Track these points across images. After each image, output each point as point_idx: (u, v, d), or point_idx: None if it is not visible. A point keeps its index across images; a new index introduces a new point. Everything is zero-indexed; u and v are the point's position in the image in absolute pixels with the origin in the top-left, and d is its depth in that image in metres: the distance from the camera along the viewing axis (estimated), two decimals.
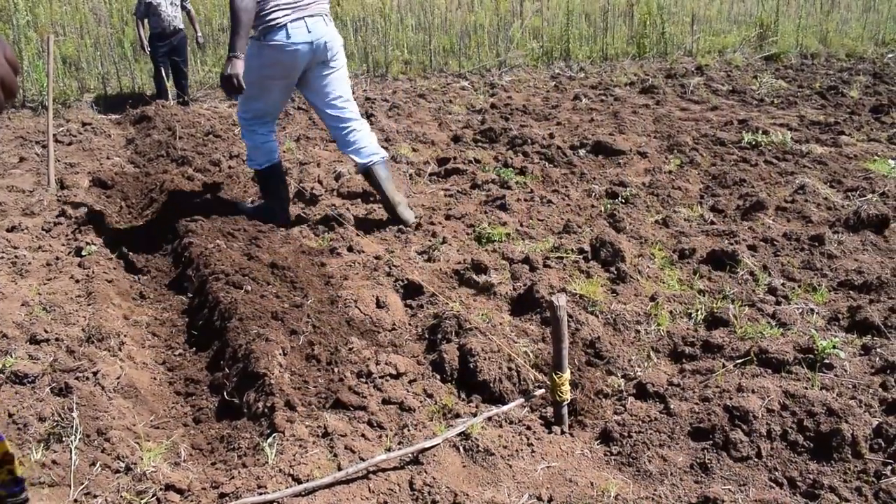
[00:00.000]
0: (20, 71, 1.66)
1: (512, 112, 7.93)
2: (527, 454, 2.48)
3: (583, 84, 9.86)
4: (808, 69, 10.53)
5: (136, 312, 3.73)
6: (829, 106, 7.95)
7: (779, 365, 2.87)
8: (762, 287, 3.63)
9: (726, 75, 10.14)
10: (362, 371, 2.91)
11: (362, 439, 2.52)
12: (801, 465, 2.37)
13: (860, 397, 2.66)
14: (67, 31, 10.63)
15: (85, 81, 9.70)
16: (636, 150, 6.19)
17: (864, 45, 12.31)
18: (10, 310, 3.48)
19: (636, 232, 4.39)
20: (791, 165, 5.60)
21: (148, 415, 2.86)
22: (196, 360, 3.33)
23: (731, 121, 7.13)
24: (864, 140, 6.36)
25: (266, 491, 2.21)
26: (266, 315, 3.32)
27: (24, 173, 6.03)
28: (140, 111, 8.16)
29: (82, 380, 2.86)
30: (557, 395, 2.57)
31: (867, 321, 3.18)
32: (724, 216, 4.69)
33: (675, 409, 2.63)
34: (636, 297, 3.60)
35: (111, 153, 6.76)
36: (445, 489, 2.26)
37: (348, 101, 4.55)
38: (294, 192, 5.36)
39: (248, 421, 2.72)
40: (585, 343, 3.13)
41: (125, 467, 2.42)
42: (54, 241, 4.51)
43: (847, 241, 4.11)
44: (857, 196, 4.82)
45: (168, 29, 8.91)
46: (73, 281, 3.90)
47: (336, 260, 4.11)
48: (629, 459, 2.46)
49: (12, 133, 7.62)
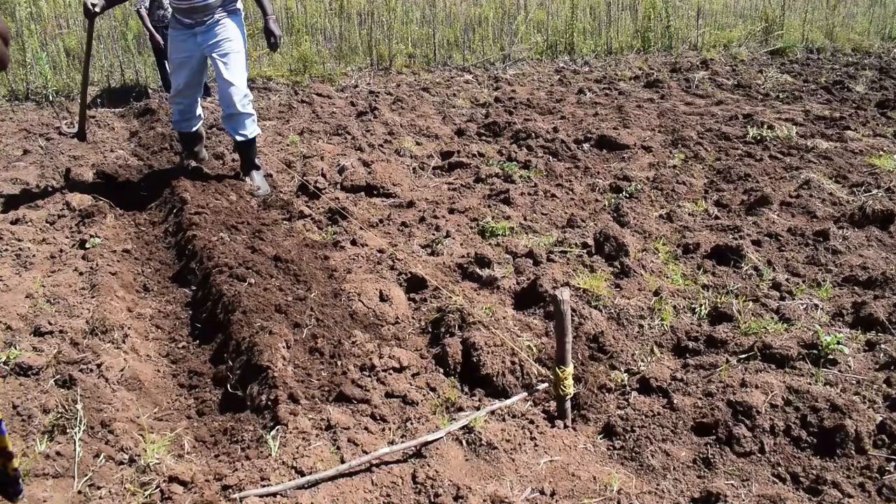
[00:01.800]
0: (10, 41, 1.67)
1: (516, 106, 7.92)
2: (529, 448, 2.48)
3: (587, 78, 9.83)
4: (813, 64, 10.49)
5: (139, 305, 3.74)
6: (835, 101, 7.92)
7: (782, 360, 2.87)
8: (766, 282, 3.63)
9: (731, 70, 10.11)
10: (365, 364, 2.92)
11: (365, 432, 2.53)
12: (804, 460, 2.37)
13: (864, 393, 2.66)
14: (70, 24, 10.63)
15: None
16: (640, 145, 6.17)
17: (871, 40, 12.26)
18: (15, 302, 3.48)
19: (640, 226, 4.38)
20: (796, 160, 5.58)
21: (151, 407, 2.87)
22: (199, 353, 3.34)
23: (736, 115, 7.10)
24: (869, 135, 6.34)
25: (269, 483, 2.22)
26: (269, 308, 3.32)
27: (27, 166, 6.03)
28: (143, 104, 8.16)
29: (86, 372, 2.87)
30: (560, 390, 2.57)
31: (872, 317, 3.17)
32: (728, 211, 4.68)
33: (679, 404, 2.63)
34: (640, 291, 3.59)
35: (115, 146, 6.76)
36: (448, 482, 2.26)
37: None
38: (297, 185, 5.36)
39: (252, 413, 2.73)
40: (589, 337, 3.13)
41: (129, 459, 2.43)
42: (58, 234, 4.51)
43: (852, 236, 4.10)
44: (862, 191, 4.80)
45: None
46: (76, 273, 3.91)
47: (339, 253, 4.11)
48: (632, 454, 2.46)
49: (16, 126, 7.62)
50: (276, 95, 9.09)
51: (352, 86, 9.70)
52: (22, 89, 8.96)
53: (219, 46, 4.96)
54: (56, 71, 9.34)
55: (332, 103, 8.54)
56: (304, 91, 9.20)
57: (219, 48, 4.96)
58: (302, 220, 4.66)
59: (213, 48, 4.96)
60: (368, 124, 7.33)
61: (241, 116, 5.13)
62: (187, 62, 5.05)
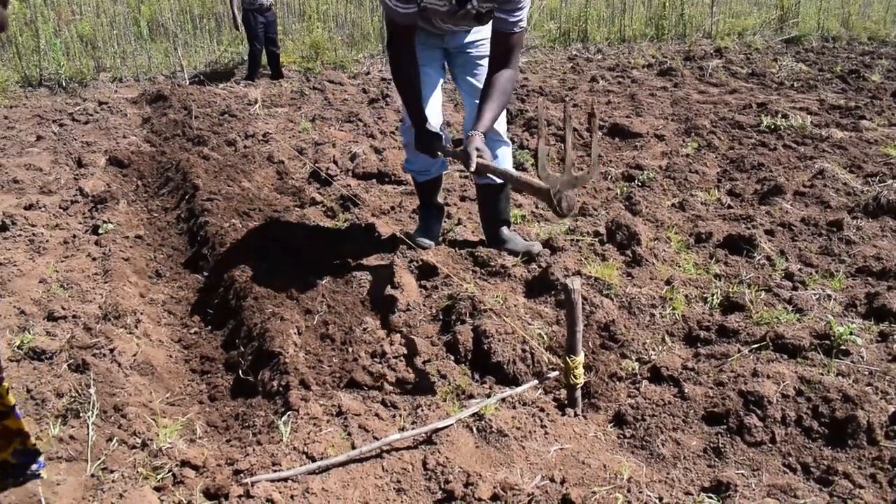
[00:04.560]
0: (8, 3, 1.69)
1: (528, 94, 7.88)
2: (540, 436, 2.48)
3: (600, 66, 9.77)
4: (829, 52, 10.39)
5: (152, 290, 3.76)
6: (850, 90, 7.84)
7: (794, 351, 2.85)
8: (779, 272, 3.61)
9: (746, 58, 10.02)
10: (376, 351, 2.92)
11: (376, 419, 2.53)
12: (815, 451, 2.36)
13: (876, 384, 2.64)
14: (84, 10, 10.65)
15: (101, 60, 9.72)
16: (653, 133, 6.14)
17: (887, 29, 12.12)
18: (29, 287, 3.51)
19: (652, 215, 4.36)
20: (810, 150, 5.53)
21: (164, 392, 2.89)
22: (212, 339, 3.36)
23: (750, 104, 7.05)
24: (885, 125, 6.28)
25: (280, 468, 2.23)
26: (281, 294, 3.33)
27: (41, 152, 6.06)
28: (156, 90, 8.18)
29: (99, 357, 2.89)
30: (571, 379, 2.57)
31: (885, 308, 3.15)
32: (741, 200, 4.65)
33: (690, 394, 2.63)
34: (651, 280, 3.58)
35: (127, 132, 6.78)
36: (458, 469, 2.27)
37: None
38: (309, 172, 5.37)
39: (263, 399, 2.74)
40: (600, 326, 3.12)
41: (141, 443, 2.45)
42: (71, 220, 4.54)
43: (866, 226, 4.06)
44: (876, 181, 4.76)
45: (265, 4, 8.91)
46: (89, 259, 3.93)
47: (351, 240, 4.11)
48: (642, 443, 2.45)
49: (29, 112, 7.66)
50: (287, 82, 9.08)
51: (364, 73, 9.69)
52: (35, 75, 8.99)
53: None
54: (69, 57, 9.37)
55: (343, 90, 8.53)
56: (315, 78, 9.20)
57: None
58: (313, 206, 4.67)
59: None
60: (380, 111, 7.32)
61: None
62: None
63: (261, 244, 3.86)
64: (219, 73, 9.65)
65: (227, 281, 3.58)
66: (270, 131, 6.59)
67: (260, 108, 7.55)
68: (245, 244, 3.86)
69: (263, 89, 8.52)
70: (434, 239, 3.97)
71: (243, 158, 5.67)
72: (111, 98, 8.27)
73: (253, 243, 3.86)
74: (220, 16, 11.26)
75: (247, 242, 3.87)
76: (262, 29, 8.97)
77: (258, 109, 7.48)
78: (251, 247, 3.82)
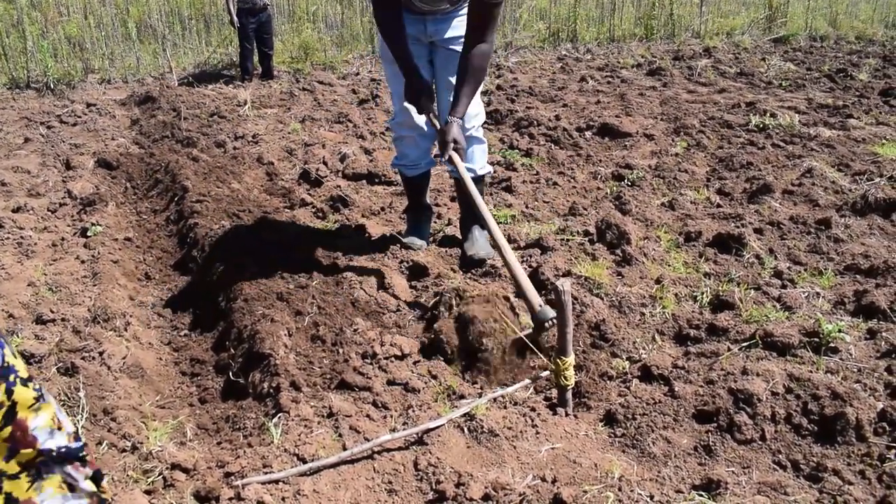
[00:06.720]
0: None
1: (518, 94, 7.89)
2: (531, 435, 2.49)
3: (589, 66, 9.79)
4: (816, 52, 10.44)
5: (141, 293, 3.74)
6: (838, 89, 7.89)
7: (784, 348, 2.86)
8: (768, 270, 3.62)
9: (734, 57, 10.06)
10: (367, 352, 2.92)
11: (367, 420, 2.53)
12: (804, 448, 2.37)
13: (865, 381, 2.66)
14: (71, 12, 10.59)
15: (89, 62, 9.67)
16: (643, 133, 6.16)
17: (874, 28, 12.19)
18: (17, 290, 3.49)
19: (642, 214, 4.37)
20: (798, 149, 5.56)
21: (154, 395, 2.88)
22: (201, 341, 3.34)
23: (739, 103, 7.08)
24: (872, 123, 6.31)
25: (271, 470, 2.22)
26: (271, 296, 3.32)
27: (28, 154, 6.02)
28: (145, 92, 8.15)
29: (88, 360, 2.88)
30: (562, 380, 2.57)
31: (873, 305, 3.17)
32: (730, 199, 4.67)
33: (680, 392, 2.63)
34: (641, 279, 3.59)
35: (116, 134, 6.75)
36: (450, 469, 2.27)
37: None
38: (299, 173, 5.35)
39: (254, 401, 2.73)
40: (590, 325, 3.13)
41: (131, 446, 2.44)
42: (60, 222, 4.52)
43: (854, 224, 4.09)
44: (864, 180, 4.79)
45: (258, 4, 8.91)
46: (78, 261, 3.91)
47: (341, 241, 4.10)
48: (633, 441, 2.46)
49: (17, 114, 7.61)
50: (277, 83, 9.06)
51: (353, 73, 9.67)
52: (23, 77, 8.94)
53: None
54: (57, 59, 9.31)
55: (333, 91, 8.52)
56: (305, 79, 9.18)
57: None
58: (303, 207, 4.66)
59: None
60: (370, 112, 7.32)
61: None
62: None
63: (251, 246, 3.85)
64: (208, 75, 9.62)
65: (217, 283, 3.57)
66: (260, 132, 6.57)
67: (249, 109, 7.53)
68: (235, 246, 3.85)
69: (253, 90, 8.50)
70: (424, 239, 3.98)
71: (233, 160, 5.65)
72: (99, 100, 8.22)
73: (243, 245, 3.85)
74: (209, 17, 11.23)
75: (237, 244, 3.86)
76: (255, 30, 8.98)
77: (247, 111, 7.46)
78: (241, 248, 3.81)
